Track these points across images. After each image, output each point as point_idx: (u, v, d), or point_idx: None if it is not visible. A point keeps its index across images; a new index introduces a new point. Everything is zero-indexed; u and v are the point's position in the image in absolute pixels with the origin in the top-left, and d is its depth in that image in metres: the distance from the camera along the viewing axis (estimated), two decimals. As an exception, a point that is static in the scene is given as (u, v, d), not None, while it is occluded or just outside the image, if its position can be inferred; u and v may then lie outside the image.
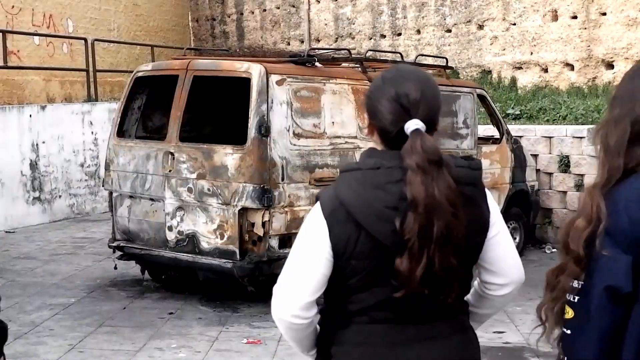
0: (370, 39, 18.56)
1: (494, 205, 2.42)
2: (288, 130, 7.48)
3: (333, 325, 2.39)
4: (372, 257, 2.25)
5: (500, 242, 2.41)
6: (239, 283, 7.60)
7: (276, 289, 2.38)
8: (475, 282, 2.53)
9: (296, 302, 2.33)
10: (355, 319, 2.33)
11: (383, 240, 2.22)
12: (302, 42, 19.96)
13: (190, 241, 7.67)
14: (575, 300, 2.15)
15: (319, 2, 19.73)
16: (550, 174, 11.31)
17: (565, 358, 2.18)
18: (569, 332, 2.15)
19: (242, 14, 21.81)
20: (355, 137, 7.93)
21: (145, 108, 8.68)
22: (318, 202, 2.33)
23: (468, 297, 2.51)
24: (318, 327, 2.47)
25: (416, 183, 2.17)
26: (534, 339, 2.91)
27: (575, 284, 2.16)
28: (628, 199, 2.11)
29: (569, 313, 2.17)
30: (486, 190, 2.40)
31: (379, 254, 2.24)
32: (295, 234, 2.50)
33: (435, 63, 11.27)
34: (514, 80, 15.97)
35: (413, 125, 2.24)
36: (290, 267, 2.36)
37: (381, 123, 2.31)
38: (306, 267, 2.31)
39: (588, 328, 2.12)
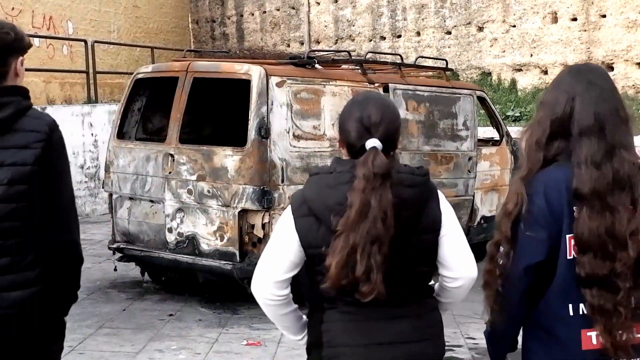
0: (370, 40, 18.58)
1: (447, 207, 2.83)
2: (288, 132, 7.48)
3: (319, 311, 2.82)
4: (323, 249, 2.67)
5: (451, 240, 2.82)
6: (238, 285, 7.59)
7: (254, 273, 2.87)
8: (439, 277, 2.94)
9: (268, 281, 2.82)
10: (334, 303, 2.76)
11: (333, 233, 2.65)
12: (302, 43, 19.97)
13: (190, 243, 7.66)
14: (501, 264, 2.81)
15: (319, 3, 19.75)
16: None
17: (499, 306, 2.83)
18: (500, 289, 2.81)
19: (242, 15, 21.83)
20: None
21: (145, 110, 8.68)
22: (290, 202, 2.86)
23: (435, 286, 2.97)
24: (305, 317, 2.94)
25: (358, 189, 2.61)
26: None
27: (504, 256, 2.79)
28: (546, 184, 2.71)
29: (501, 276, 2.83)
30: (440, 194, 2.83)
31: (327, 246, 2.66)
32: None
33: (435, 65, 11.26)
34: (513, 82, 15.98)
35: (371, 143, 2.67)
36: (265, 253, 2.86)
37: (348, 139, 2.77)
38: (276, 253, 2.81)
39: (507, 294, 2.79)
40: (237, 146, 7.47)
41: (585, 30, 14.69)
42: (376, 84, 8.52)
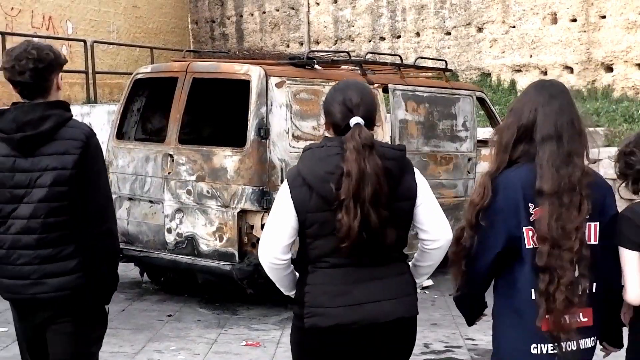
0: (370, 41, 18.58)
1: (421, 179, 3.29)
2: (287, 133, 7.48)
3: (305, 273, 3.25)
4: (322, 211, 3.12)
5: (427, 208, 3.27)
6: (238, 285, 7.59)
7: (260, 240, 3.31)
8: (419, 242, 3.37)
9: (274, 247, 3.23)
10: (319, 264, 3.19)
11: (328, 196, 3.10)
12: (302, 44, 19.97)
13: (189, 243, 7.66)
14: (467, 246, 3.24)
15: (318, 4, 19.74)
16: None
17: (465, 282, 3.30)
18: (465, 269, 3.27)
19: (241, 16, 21.82)
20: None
21: (145, 110, 8.68)
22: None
23: (415, 255, 3.40)
24: (297, 274, 3.34)
25: (351, 160, 3.06)
26: None
27: (470, 240, 3.22)
28: (506, 184, 3.18)
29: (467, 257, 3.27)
30: (415, 169, 3.29)
31: (327, 208, 3.11)
32: None
33: (435, 66, 11.26)
34: (513, 83, 15.98)
35: (355, 120, 3.14)
36: (268, 223, 3.27)
37: (333, 120, 3.22)
38: (277, 222, 3.22)
39: (475, 268, 3.24)
40: (236, 147, 7.47)
41: (585, 31, 14.68)
42: (376, 85, 8.51)
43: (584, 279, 3.15)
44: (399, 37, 18.14)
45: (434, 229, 3.29)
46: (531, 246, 3.15)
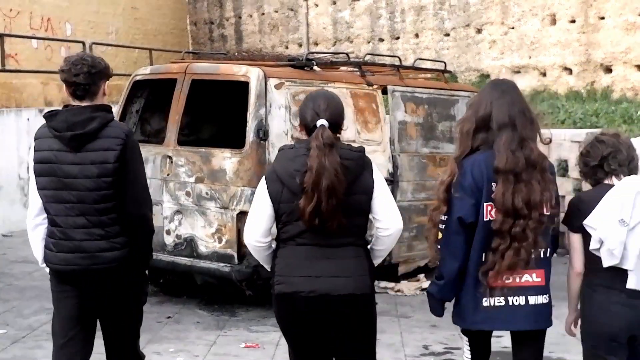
0: (369, 42, 18.57)
1: (379, 177, 3.88)
2: (286, 134, 7.47)
3: (277, 249, 3.91)
4: (291, 202, 3.75)
5: (381, 200, 3.84)
6: (237, 287, 7.59)
7: (245, 226, 3.97)
8: (375, 230, 3.92)
9: (255, 231, 3.90)
10: (288, 243, 3.84)
11: (295, 189, 3.74)
12: (301, 45, 19.96)
13: (188, 245, 7.65)
14: (443, 227, 3.92)
15: (317, 5, 19.74)
16: (548, 178, 11.30)
17: (439, 263, 3.95)
18: (439, 247, 3.89)
19: (240, 17, 21.82)
20: (354, 141, 7.91)
21: (144, 111, 8.67)
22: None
23: (373, 240, 3.95)
24: None
25: (314, 156, 3.67)
26: None
27: (443, 217, 3.90)
28: (472, 166, 3.86)
29: (439, 235, 3.93)
30: (374, 167, 3.87)
31: (295, 200, 3.73)
32: None
33: (434, 67, 11.26)
34: (512, 84, 15.96)
35: (320, 122, 3.76)
36: (250, 211, 3.96)
37: (305, 122, 3.85)
38: (257, 211, 3.89)
39: (449, 244, 3.88)
40: (235, 148, 7.46)
41: (584, 32, 14.67)
42: (375, 86, 8.51)
43: (539, 244, 3.84)
44: (398, 38, 18.13)
45: (386, 219, 3.86)
46: (487, 219, 3.84)
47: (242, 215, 7.32)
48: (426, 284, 7.84)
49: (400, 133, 8.62)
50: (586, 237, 3.95)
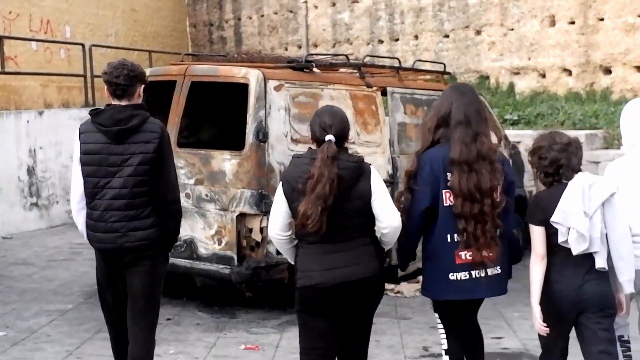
0: (368, 44, 18.58)
1: (377, 182, 4.39)
2: (286, 136, 7.47)
3: (298, 247, 4.49)
4: (297, 202, 4.30)
5: (379, 203, 4.37)
6: (236, 289, 7.58)
7: (269, 222, 4.58)
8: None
9: (274, 226, 4.50)
10: (302, 241, 4.42)
11: (303, 191, 4.27)
12: (300, 47, 19.97)
13: (188, 247, 7.65)
14: (406, 209, 4.58)
15: (316, 7, 19.75)
16: (548, 179, 11.27)
17: (404, 237, 4.58)
18: (404, 223, 4.50)
19: (239, 19, 21.83)
20: (354, 143, 7.91)
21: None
22: None
23: (379, 236, 4.49)
24: None
25: (317, 167, 4.25)
26: (533, 344, 3.47)
27: (405, 200, 4.60)
28: (431, 158, 4.52)
29: (403, 217, 4.51)
30: (373, 173, 4.40)
31: (299, 201, 4.27)
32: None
33: (433, 68, 11.26)
34: (511, 86, 15.98)
35: (328, 137, 4.34)
36: (272, 209, 4.54)
37: (315, 136, 4.43)
38: (276, 209, 4.49)
39: (409, 225, 4.56)
40: (235, 150, 7.46)
41: (583, 34, 14.68)
42: (374, 88, 8.51)
43: (493, 225, 4.48)
44: (397, 40, 18.14)
45: (385, 219, 4.39)
46: (447, 204, 4.50)
47: (242, 217, 7.33)
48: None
49: (400, 134, 8.62)
50: (547, 230, 4.47)
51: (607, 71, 14.53)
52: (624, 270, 4.51)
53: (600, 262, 4.42)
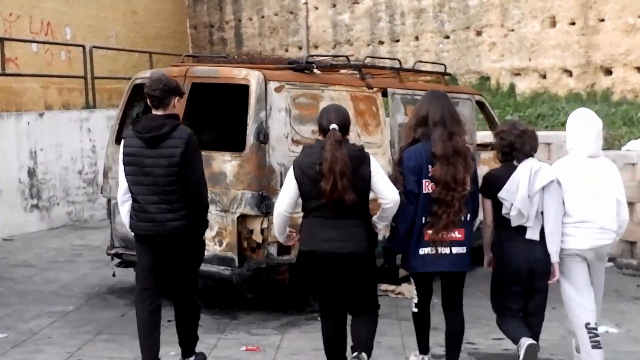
0: (369, 45, 18.58)
1: (375, 166, 5.41)
2: (287, 137, 7.47)
3: (304, 219, 5.47)
4: (310, 184, 5.30)
5: (380, 183, 5.38)
6: (237, 290, 7.58)
7: (276, 201, 5.55)
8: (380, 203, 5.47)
9: (283, 203, 5.43)
10: (308, 216, 5.42)
11: (313, 176, 5.26)
12: (301, 48, 19.97)
13: (188, 248, 7.63)
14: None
15: (317, 8, 19.74)
16: (549, 180, 11.26)
17: (393, 225, 5.61)
18: (400, 210, 5.50)
19: (240, 20, 21.83)
20: (354, 144, 7.90)
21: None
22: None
23: (380, 210, 5.47)
24: (288, 230, 5.60)
25: (328, 150, 5.20)
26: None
27: (400, 187, 5.47)
28: (415, 152, 5.48)
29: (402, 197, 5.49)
30: (372, 161, 5.40)
31: (313, 184, 5.28)
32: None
33: (434, 69, 11.26)
34: (512, 87, 15.97)
35: (332, 126, 5.32)
36: (281, 190, 5.54)
37: (322, 127, 5.42)
38: (286, 188, 5.45)
39: (403, 210, 5.47)
40: (235, 151, 7.45)
41: (583, 35, 14.67)
42: (375, 89, 8.50)
43: (462, 210, 5.47)
44: (397, 41, 18.13)
45: (386, 195, 5.38)
46: (426, 191, 5.47)
47: (243, 219, 7.32)
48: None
49: (400, 135, 8.60)
50: (495, 203, 5.78)
51: (608, 72, 14.51)
52: (552, 243, 5.69)
53: (531, 234, 5.71)
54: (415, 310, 6.00)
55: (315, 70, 8.13)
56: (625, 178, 10.33)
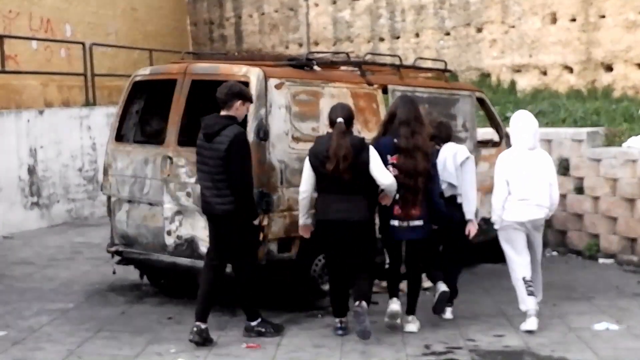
0: (369, 42, 18.56)
1: (373, 153, 6.68)
2: (287, 134, 7.46)
3: (318, 196, 6.83)
4: (320, 167, 6.68)
5: (375, 169, 6.64)
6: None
7: (300, 183, 6.94)
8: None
9: (305, 185, 6.84)
10: (321, 193, 6.79)
11: (323, 160, 6.65)
12: (301, 45, 19.96)
13: (189, 245, 7.64)
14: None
15: (317, 5, 19.73)
16: (549, 176, 11.25)
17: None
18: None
19: (240, 17, 21.82)
20: (354, 141, 7.93)
21: (144, 112, 8.65)
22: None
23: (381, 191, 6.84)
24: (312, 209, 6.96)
25: (334, 139, 6.63)
26: (534, 342, 3.48)
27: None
28: (380, 144, 6.92)
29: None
30: (370, 149, 6.69)
31: (322, 166, 6.66)
32: (295, 237, 7.34)
33: (434, 66, 11.24)
34: (513, 84, 15.95)
35: (339, 120, 6.72)
36: (302, 175, 6.89)
37: (330, 120, 6.80)
38: (305, 173, 6.85)
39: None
40: (235, 148, 7.43)
41: (584, 31, 14.65)
42: (375, 86, 8.49)
43: (420, 193, 6.80)
44: (398, 37, 18.11)
45: (381, 179, 6.67)
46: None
47: (243, 216, 7.32)
48: (427, 283, 7.83)
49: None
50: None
51: (609, 68, 14.49)
52: (468, 207, 7.36)
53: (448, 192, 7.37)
54: (387, 267, 7.26)
55: (316, 67, 8.12)
56: (626, 175, 10.38)
